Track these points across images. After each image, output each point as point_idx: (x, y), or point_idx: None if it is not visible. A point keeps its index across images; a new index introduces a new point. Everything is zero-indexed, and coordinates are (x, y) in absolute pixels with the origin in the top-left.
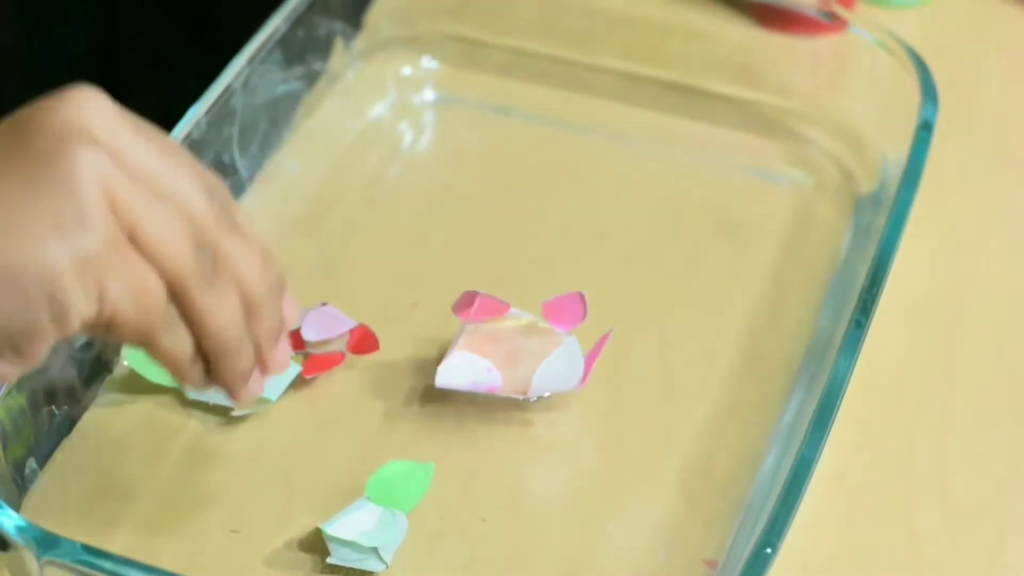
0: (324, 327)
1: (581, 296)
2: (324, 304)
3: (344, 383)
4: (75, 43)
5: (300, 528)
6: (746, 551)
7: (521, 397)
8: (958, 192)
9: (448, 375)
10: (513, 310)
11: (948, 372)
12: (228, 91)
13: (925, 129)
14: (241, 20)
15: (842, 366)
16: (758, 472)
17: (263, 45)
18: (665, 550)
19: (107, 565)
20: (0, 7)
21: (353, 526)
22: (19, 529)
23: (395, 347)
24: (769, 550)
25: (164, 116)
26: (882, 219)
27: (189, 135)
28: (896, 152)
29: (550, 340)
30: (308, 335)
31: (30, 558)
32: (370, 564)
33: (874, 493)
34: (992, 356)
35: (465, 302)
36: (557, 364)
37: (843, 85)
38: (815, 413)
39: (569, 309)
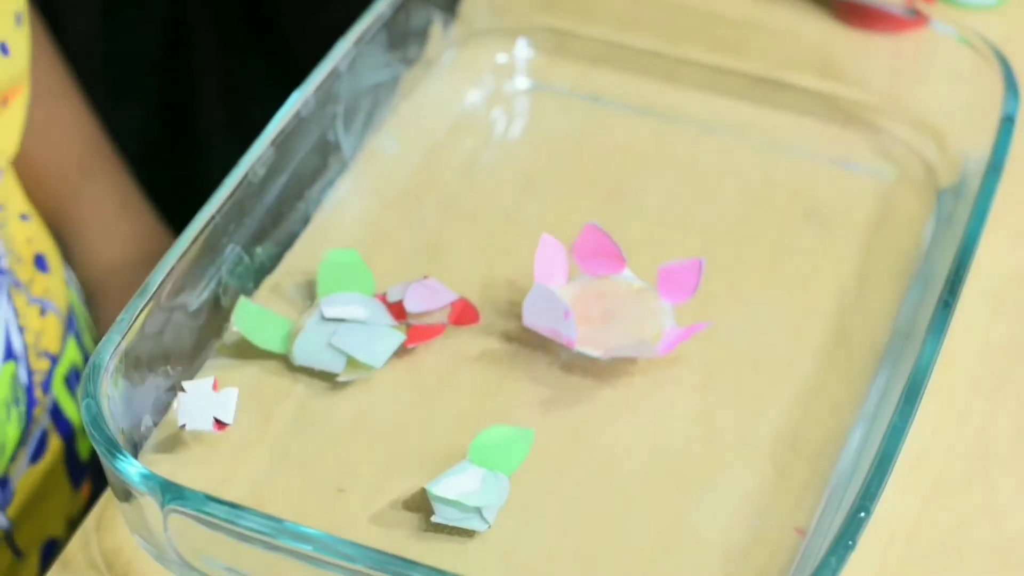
0: (426, 299)
1: (699, 264)
2: (426, 277)
3: (444, 353)
4: (147, 33)
5: (404, 489)
6: (836, 520)
7: (597, 354)
8: None
9: (532, 314)
10: (628, 272)
11: None
12: (335, 71)
13: (1008, 122)
14: (303, 26)
15: (931, 344)
16: (844, 448)
17: (368, 28)
18: (758, 518)
19: (228, 513)
20: (72, 7)
21: (457, 486)
22: (144, 477)
23: (493, 320)
24: (863, 514)
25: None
26: (964, 210)
27: (298, 113)
28: (977, 146)
29: (650, 310)
30: (411, 306)
31: (153, 507)
32: (473, 523)
33: (957, 468)
34: None
35: (587, 241)
36: (639, 327)
37: (924, 80)
38: (906, 386)
39: (684, 276)
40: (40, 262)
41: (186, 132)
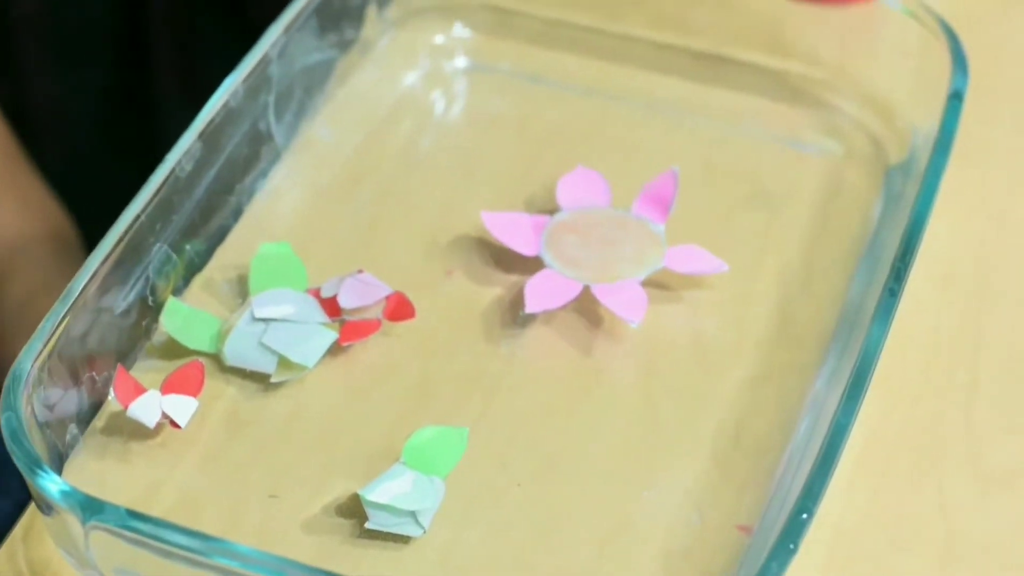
0: (360, 294)
1: (673, 175)
2: (360, 271)
3: (380, 350)
4: (97, 11)
5: (338, 493)
6: (780, 516)
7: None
8: (986, 160)
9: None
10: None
11: (977, 340)
12: (265, 59)
13: (956, 99)
14: None
15: (876, 334)
16: (790, 438)
17: (300, 13)
18: (699, 515)
19: (151, 529)
20: None
21: (390, 491)
22: (64, 494)
23: (431, 314)
24: (805, 515)
25: (186, 87)
26: (912, 188)
27: (227, 104)
28: (925, 121)
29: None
30: (344, 302)
31: (75, 523)
32: (408, 528)
33: (904, 459)
34: (1020, 323)
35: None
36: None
37: (872, 55)
38: (849, 380)
39: (661, 192)
40: None
41: (143, 97)
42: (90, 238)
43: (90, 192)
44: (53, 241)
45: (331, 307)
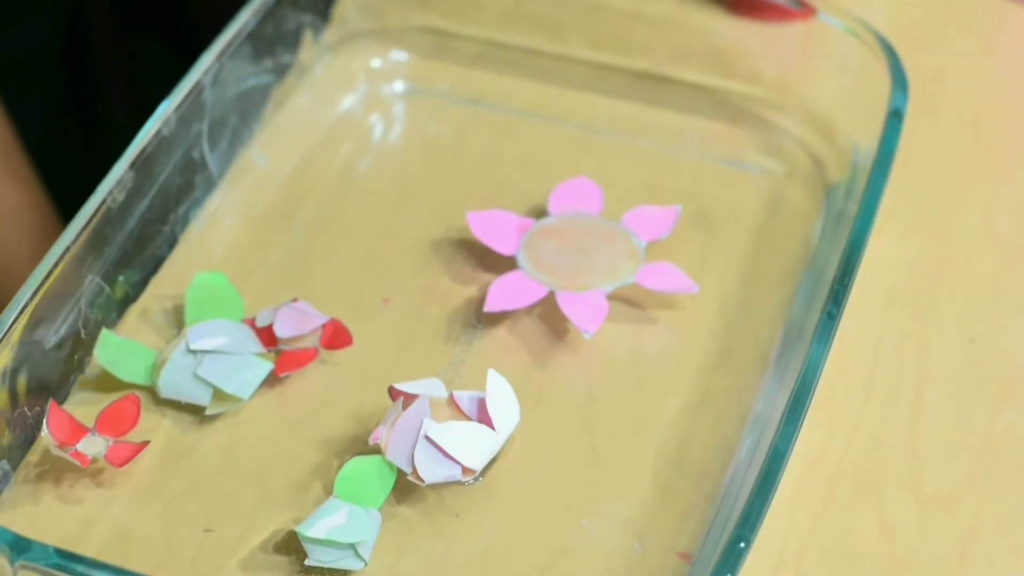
0: (296, 323)
1: (675, 212)
2: (295, 300)
3: (317, 379)
4: (44, 23)
5: (275, 527)
6: (720, 544)
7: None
8: (927, 178)
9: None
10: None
11: (919, 360)
12: (198, 87)
13: (895, 118)
14: (206, 10)
15: (815, 357)
16: (732, 462)
17: (233, 39)
18: (639, 543)
19: (80, 568)
20: None
21: (327, 525)
22: None
23: (368, 342)
24: (743, 544)
25: (133, 109)
26: (853, 207)
27: (159, 132)
28: (867, 139)
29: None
30: (280, 331)
31: (2, 562)
32: (349, 563)
33: (846, 482)
34: (962, 344)
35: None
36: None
37: (813, 72)
38: (787, 405)
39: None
40: None
41: (92, 119)
42: None
43: None
44: (32, 211)
45: (267, 337)
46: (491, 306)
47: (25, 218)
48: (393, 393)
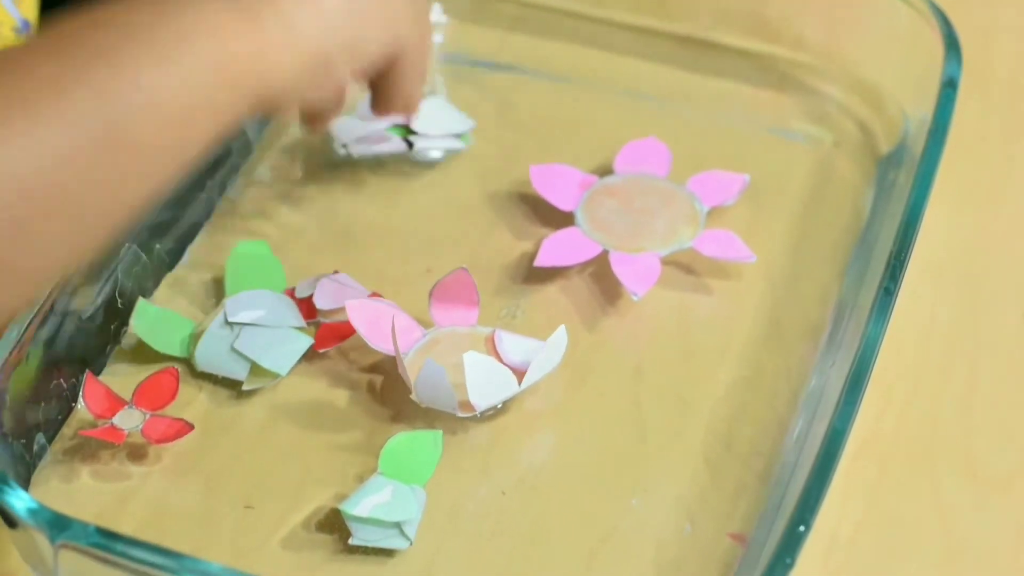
0: (336, 295)
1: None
2: (336, 272)
3: (356, 353)
4: None
5: (317, 504)
6: (778, 525)
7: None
8: (978, 149)
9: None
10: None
11: (973, 336)
12: None
13: (950, 87)
14: None
15: (873, 334)
16: (783, 441)
17: None
18: (690, 523)
19: (120, 547)
20: None
21: (371, 503)
22: (31, 511)
23: (410, 306)
24: (803, 528)
25: None
26: (905, 178)
27: None
28: (916, 108)
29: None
30: (320, 304)
31: (42, 540)
32: (394, 542)
33: (900, 461)
34: (1017, 318)
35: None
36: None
37: (861, 38)
38: (846, 384)
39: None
40: None
41: None
42: None
43: None
44: None
45: (307, 308)
46: (542, 260)
47: None
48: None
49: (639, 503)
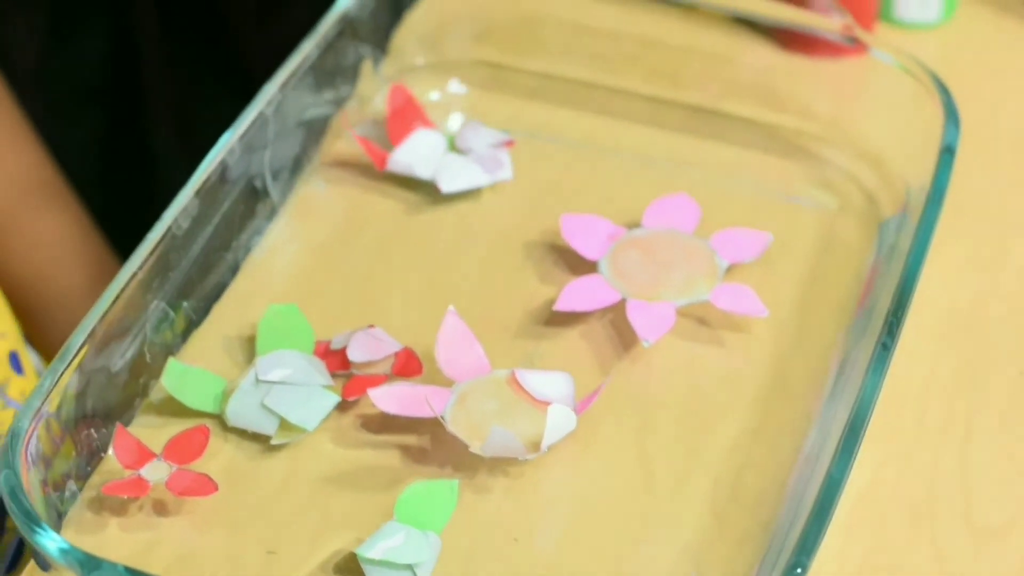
0: (370, 349)
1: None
2: (371, 327)
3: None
4: (94, 54)
5: (335, 548)
6: (776, 571)
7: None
8: (979, 213)
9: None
10: None
11: (971, 392)
12: (261, 117)
13: (948, 154)
14: (255, 39)
15: (870, 387)
16: (786, 491)
17: (295, 71)
18: (696, 570)
19: None
20: (20, 31)
21: (385, 547)
22: (62, 552)
23: (434, 369)
24: (799, 570)
25: (180, 125)
26: (906, 241)
27: (223, 162)
28: (918, 175)
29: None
30: (354, 356)
31: None
32: None
33: (899, 510)
34: (1014, 377)
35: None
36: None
37: (865, 108)
38: (843, 434)
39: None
40: (15, 361)
41: (138, 153)
42: None
43: None
44: (77, 240)
45: (339, 360)
46: (562, 305)
47: (71, 247)
48: None
49: (647, 551)
